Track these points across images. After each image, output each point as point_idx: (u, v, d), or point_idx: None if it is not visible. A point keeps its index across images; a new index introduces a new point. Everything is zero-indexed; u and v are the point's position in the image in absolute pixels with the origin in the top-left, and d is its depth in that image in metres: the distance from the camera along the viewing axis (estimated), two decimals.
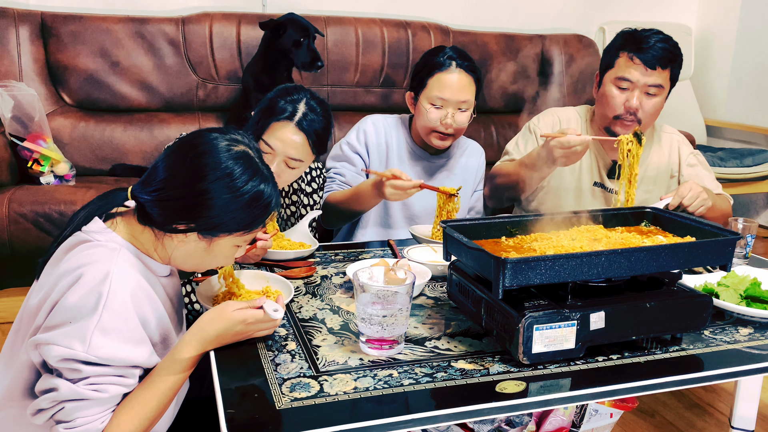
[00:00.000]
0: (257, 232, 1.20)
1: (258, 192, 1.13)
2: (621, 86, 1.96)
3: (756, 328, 1.31)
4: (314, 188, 1.96)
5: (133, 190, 1.15)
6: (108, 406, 1.05)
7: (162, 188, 1.11)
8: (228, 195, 1.10)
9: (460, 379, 1.07)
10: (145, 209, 1.12)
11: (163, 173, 1.12)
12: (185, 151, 1.13)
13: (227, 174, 1.10)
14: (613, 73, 1.99)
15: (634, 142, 1.82)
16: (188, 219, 1.11)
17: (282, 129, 1.62)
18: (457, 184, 2.12)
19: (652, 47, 1.91)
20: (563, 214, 1.40)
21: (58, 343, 1.01)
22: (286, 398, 1.01)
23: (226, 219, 1.12)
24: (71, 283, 1.04)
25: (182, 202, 1.11)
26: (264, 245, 1.51)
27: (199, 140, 1.13)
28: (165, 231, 1.13)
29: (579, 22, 3.99)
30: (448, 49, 1.97)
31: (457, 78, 1.92)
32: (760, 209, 4.24)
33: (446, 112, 1.93)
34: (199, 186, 1.10)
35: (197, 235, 1.13)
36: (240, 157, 1.13)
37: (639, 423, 2.11)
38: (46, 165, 2.62)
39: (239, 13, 3.17)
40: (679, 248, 1.17)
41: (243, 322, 1.12)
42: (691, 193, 1.82)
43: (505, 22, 3.81)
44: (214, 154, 1.11)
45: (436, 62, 1.93)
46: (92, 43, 2.91)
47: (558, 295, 1.15)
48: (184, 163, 1.11)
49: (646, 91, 1.95)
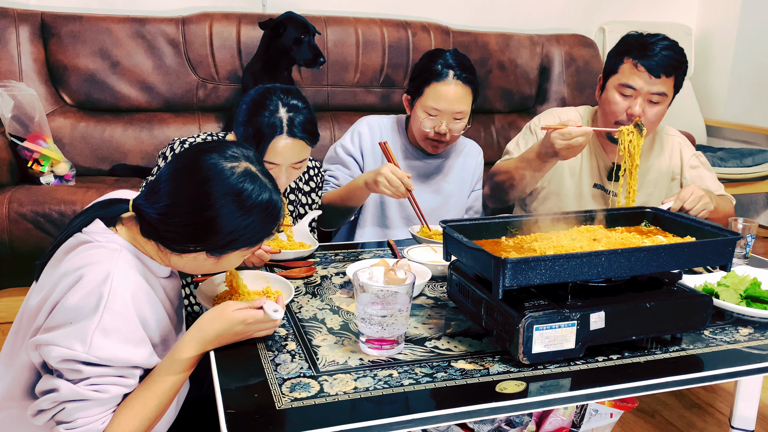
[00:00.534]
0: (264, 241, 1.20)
1: (265, 204, 1.13)
2: (624, 93, 1.94)
3: (756, 328, 1.31)
4: (312, 187, 1.96)
5: (135, 203, 1.14)
6: (109, 406, 1.05)
7: (167, 212, 1.10)
8: (237, 217, 1.10)
9: (460, 379, 1.07)
10: (150, 224, 1.11)
11: (167, 198, 1.10)
12: (188, 177, 1.11)
13: (235, 198, 1.09)
14: (616, 78, 1.96)
15: (635, 133, 1.82)
16: (197, 243, 1.11)
17: (277, 144, 1.60)
18: (454, 184, 2.13)
19: (657, 55, 1.88)
20: (563, 214, 1.40)
21: (58, 343, 1.01)
22: (286, 398, 1.01)
23: (237, 237, 1.12)
24: (72, 283, 1.04)
25: (190, 228, 1.10)
26: (269, 249, 1.52)
27: (202, 164, 1.11)
28: (172, 251, 1.13)
29: (579, 22, 3.99)
30: (448, 54, 1.93)
31: (453, 90, 1.90)
32: (760, 209, 4.24)
33: (441, 121, 1.92)
34: (207, 213, 1.09)
35: (206, 254, 1.14)
36: (244, 176, 1.11)
37: (639, 423, 2.11)
38: (46, 165, 2.62)
39: (239, 13, 3.17)
40: (679, 248, 1.17)
41: (243, 322, 1.12)
42: (693, 197, 1.80)
43: (505, 22, 3.81)
44: (218, 180, 1.09)
45: (433, 70, 1.90)
46: (92, 43, 2.92)
47: (558, 295, 1.15)
48: (189, 191, 1.10)
49: (649, 99, 1.92)
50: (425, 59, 1.97)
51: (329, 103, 3.32)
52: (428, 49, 2.72)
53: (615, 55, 1.98)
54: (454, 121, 1.93)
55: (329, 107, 3.32)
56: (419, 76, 1.94)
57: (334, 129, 3.20)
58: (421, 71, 1.94)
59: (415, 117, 1.96)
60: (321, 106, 3.29)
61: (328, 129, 3.19)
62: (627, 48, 1.94)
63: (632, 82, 1.91)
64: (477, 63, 3.47)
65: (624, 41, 1.97)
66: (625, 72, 1.93)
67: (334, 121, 3.23)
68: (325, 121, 3.20)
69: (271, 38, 2.78)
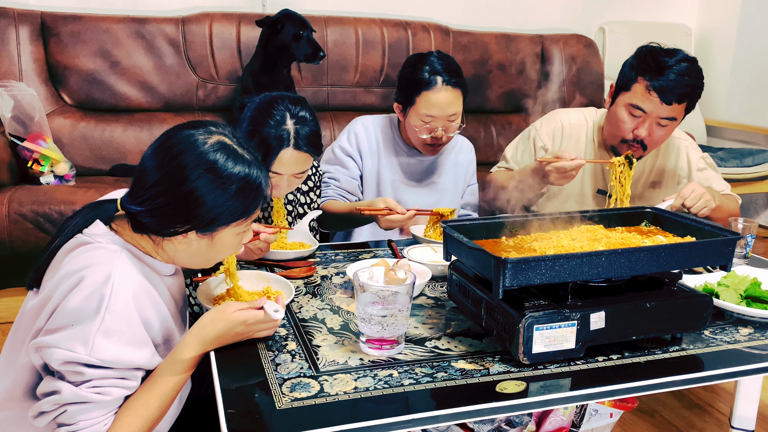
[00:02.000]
0: (256, 215, 1.19)
1: (244, 177, 1.12)
2: (633, 113, 1.89)
3: (756, 328, 1.31)
4: (310, 186, 1.96)
5: (122, 202, 1.14)
6: (110, 408, 1.05)
7: (149, 197, 1.09)
8: (216, 188, 1.09)
9: (460, 379, 1.07)
10: (138, 219, 1.11)
11: (148, 181, 1.10)
12: (162, 155, 1.11)
13: (209, 168, 1.09)
14: (627, 97, 1.90)
15: (625, 165, 1.85)
16: (183, 221, 1.10)
17: (283, 156, 1.59)
18: (448, 181, 2.13)
19: (673, 81, 1.82)
20: (563, 214, 1.40)
21: (60, 346, 1.01)
22: (286, 398, 1.01)
23: (220, 211, 1.10)
24: (73, 285, 1.04)
25: (173, 207, 1.09)
26: (267, 238, 1.51)
27: (173, 140, 1.11)
28: (163, 236, 1.13)
29: (579, 22, 3.99)
30: (433, 59, 1.92)
31: (444, 96, 1.90)
32: (760, 209, 4.24)
33: (436, 126, 1.93)
34: (185, 187, 1.08)
35: (196, 234, 1.13)
36: (217, 147, 1.11)
37: (639, 423, 2.11)
38: (46, 165, 2.62)
39: (239, 13, 3.17)
40: (679, 248, 1.17)
41: (244, 322, 1.12)
42: (694, 195, 1.79)
43: (505, 22, 3.81)
44: (191, 151, 1.09)
45: (421, 80, 1.89)
46: (92, 43, 2.92)
47: (558, 295, 1.15)
48: (164, 168, 1.09)
49: (657, 122, 1.88)
50: (410, 67, 1.95)
51: (329, 103, 3.32)
52: (428, 50, 2.72)
53: (630, 69, 1.91)
54: (449, 123, 1.94)
55: (329, 107, 3.33)
56: (408, 87, 1.93)
57: (334, 129, 3.20)
58: (409, 81, 1.93)
59: (410, 124, 1.97)
60: (321, 106, 3.30)
61: (328, 129, 3.19)
62: (643, 66, 1.87)
63: (643, 104, 1.87)
64: (477, 63, 3.49)
65: (641, 56, 1.90)
66: (637, 93, 1.88)
67: (334, 121, 3.23)
68: (325, 121, 3.20)
69: (269, 36, 2.78)
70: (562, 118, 2.12)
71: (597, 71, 3.75)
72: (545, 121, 2.14)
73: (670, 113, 1.87)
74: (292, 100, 1.63)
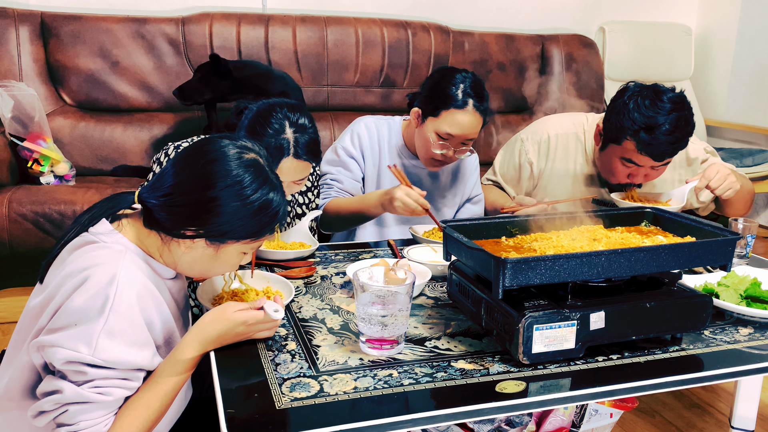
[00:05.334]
0: (264, 240, 1.20)
1: (267, 200, 1.13)
2: (626, 164, 1.83)
3: (756, 328, 1.31)
4: (308, 186, 1.96)
5: (140, 194, 1.15)
6: (111, 409, 1.05)
7: (171, 194, 1.11)
8: (237, 203, 1.10)
9: (460, 379, 1.07)
10: (153, 213, 1.12)
11: (172, 179, 1.12)
12: (195, 158, 1.12)
13: (237, 182, 1.10)
14: (618, 151, 1.82)
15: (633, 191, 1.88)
16: (197, 225, 1.11)
17: (282, 165, 1.58)
18: (450, 181, 2.13)
19: (663, 144, 1.73)
20: (563, 214, 1.40)
21: (63, 345, 1.00)
22: (286, 398, 1.01)
23: (234, 226, 1.11)
24: (77, 285, 1.04)
25: (191, 208, 1.10)
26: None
27: (210, 147, 1.13)
28: (173, 236, 1.13)
29: (579, 22, 3.99)
30: (468, 80, 1.87)
31: (470, 119, 1.86)
32: (760, 209, 4.24)
33: (451, 146, 1.90)
34: (209, 193, 1.09)
35: (205, 242, 1.13)
36: (250, 165, 1.12)
37: (639, 423, 2.11)
38: (46, 165, 2.63)
39: (239, 13, 3.17)
40: (679, 248, 1.17)
41: (244, 323, 1.12)
42: (719, 176, 1.72)
43: (505, 22, 3.81)
44: (224, 161, 1.11)
45: (453, 96, 1.85)
46: (92, 43, 2.92)
47: (558, 295, 1.15)
48: (194, 170, 1.11)
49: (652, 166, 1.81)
50: (440, 78, 1.90)
51: (329, 103, 3.32)
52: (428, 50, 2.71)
53: (617, 123, 1.79)
54: (461, 146, 1.92)
55: (329, 107, 3.32)
56: (437, 98, 1.88)
57: (334, 129, 3.20)
58: (440, 93, 1.88)
59: (424, 135, 1.92)
60: (321, 106, 3.29)
61: (328, 129, 3.18)
62: (630, 125, 1.75)
63: (636, 159, 1.79)
64: (477, 63, 3.49)
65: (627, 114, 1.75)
66: (627, 149, 1.79)
67: (334, 121, 3.23)
68: (325, 121, 3.20)
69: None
70: (549, 130, 2.07)
71: (597, 71, 3.75)
72: (531, 134, 2.10)
73: (664, 161, 1.82)
74: (291, 107, 1.61)
